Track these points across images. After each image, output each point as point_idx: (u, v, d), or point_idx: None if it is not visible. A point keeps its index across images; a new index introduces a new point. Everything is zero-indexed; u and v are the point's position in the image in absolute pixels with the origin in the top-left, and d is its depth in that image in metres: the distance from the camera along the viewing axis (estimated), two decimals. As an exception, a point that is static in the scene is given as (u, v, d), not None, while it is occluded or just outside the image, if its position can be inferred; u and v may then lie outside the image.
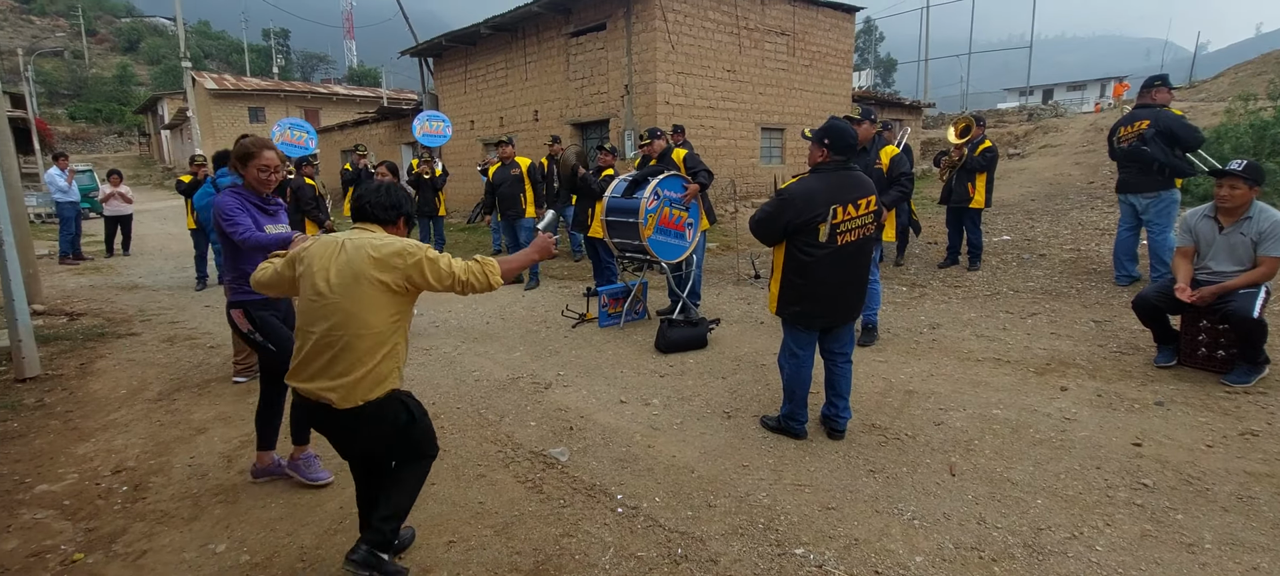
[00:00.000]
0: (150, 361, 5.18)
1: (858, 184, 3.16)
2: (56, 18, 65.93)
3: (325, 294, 2.05)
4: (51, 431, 3.85)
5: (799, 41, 13.68)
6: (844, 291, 3.23)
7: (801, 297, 3.20)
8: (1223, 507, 2.65)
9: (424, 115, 12.02)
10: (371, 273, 2.05)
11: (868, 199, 3.16)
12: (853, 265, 3.21)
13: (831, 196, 3.07)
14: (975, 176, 6.96)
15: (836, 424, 3.38)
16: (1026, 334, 5.00)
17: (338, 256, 2.08)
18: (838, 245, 3.11)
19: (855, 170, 3.23)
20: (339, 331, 2.05)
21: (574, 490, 2.99)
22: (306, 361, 2.11)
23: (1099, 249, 7.36)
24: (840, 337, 3.37)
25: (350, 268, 2.05)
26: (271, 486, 3.11)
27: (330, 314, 2.05)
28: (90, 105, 52.04)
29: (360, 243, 2.09)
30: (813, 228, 3.07)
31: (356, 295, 2.05)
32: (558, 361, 4.88)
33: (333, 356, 2.07)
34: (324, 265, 2.08)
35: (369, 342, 2.07)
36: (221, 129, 34.16)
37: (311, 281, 2.09)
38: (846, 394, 3.39)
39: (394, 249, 2.08)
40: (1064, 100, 33.06)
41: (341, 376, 2.07)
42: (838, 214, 3.08)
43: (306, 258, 2.14)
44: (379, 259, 2.06)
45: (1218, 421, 3.39)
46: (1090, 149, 13.86)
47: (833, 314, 3.26)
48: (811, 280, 3.15)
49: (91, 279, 9.22)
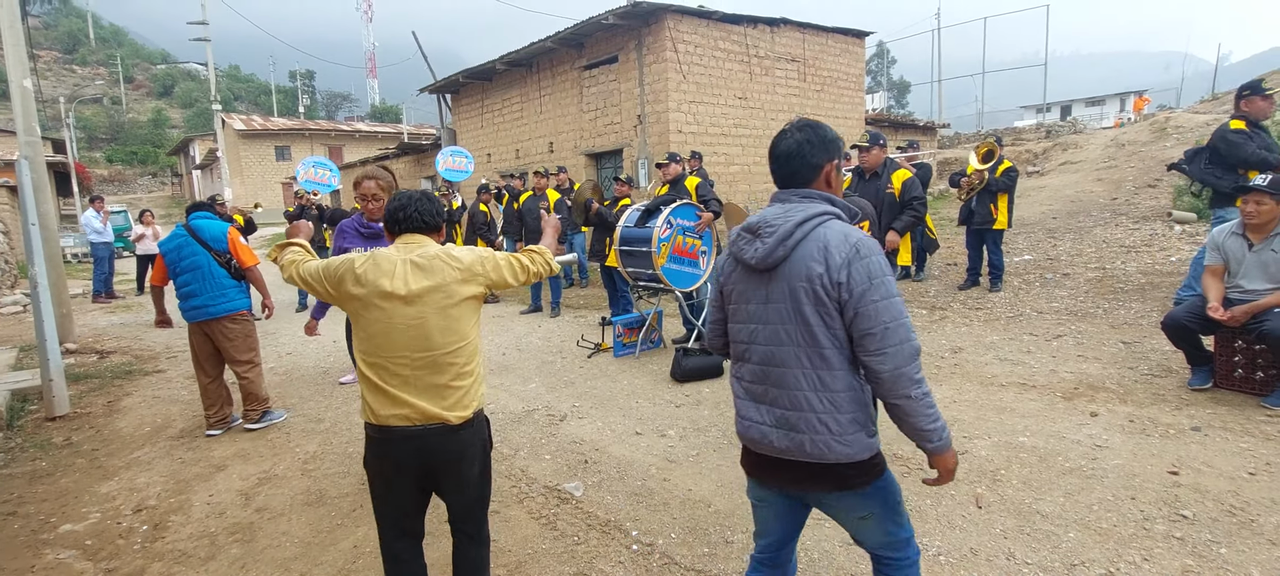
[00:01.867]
0: (175, 398, 5.26)
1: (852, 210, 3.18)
2: (97, 67, 68.91)
3: (413, 314, 1.93)
4: (77, 470, 3.91)
5: (810, 67, 13.75)
6: None
7: None
8: (1270, 540, 2.52)
9: (447, 150, 12.31)
10: (461, 288, 1.99)
11: (860, 227, 3.15)
12: None
13: None
14: (997, 197, 6.88)
15: None
16: (1052, 357, 4.87)
17: (413, 275, 1.95)
18: None
19: (850, 199, 3.26)
20: (438, 347, 1.96)
21: (589, 526, 2.95)
22: (404, 386, 1.95)
23: (1125, 267, 7.19)
24: None
25: (439, 285, 1.97)
26: (286, 525, 3.11)
27: (428, 332, 1.94)
28: (126, 148, 54.06)
29: (431, 256, 1.99)
30: None
31: (451, 310, 1.98)
32: (573, 393, 4.86)
33: (437, 373, 1.97)
34: (402, 284, 1.94)
35: (467, 353, 2.02)
36: (249, 167, 35.17)
37: (388, 303, 1.93)
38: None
39: (473, 259, 2.05)
40: (1083, 116, 32.66)
41: (452, 390, 1.99)
42: None
43: (363, 279, 1.96)
44: (464, 271, 2.01)
45: (1260, 447, 3.24)
46: (1112, 165, 13.63)
47: None
48: None
49: (122, 317, 9.45)
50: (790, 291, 1.64)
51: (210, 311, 4.28)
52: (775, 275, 1.67)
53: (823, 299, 1.60)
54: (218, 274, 4.32)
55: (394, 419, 1.96)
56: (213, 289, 4.29)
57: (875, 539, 1.78)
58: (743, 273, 1.77)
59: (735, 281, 1.80)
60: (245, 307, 4.45)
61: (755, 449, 1.78)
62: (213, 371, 4.40)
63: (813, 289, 1.60)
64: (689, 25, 11.66)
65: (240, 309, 4.39)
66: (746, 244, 1.72)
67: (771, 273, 1.68)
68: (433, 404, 1.96)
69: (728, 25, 12.25)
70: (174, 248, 4.33)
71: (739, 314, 1.79)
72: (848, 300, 1.58)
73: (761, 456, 1.77)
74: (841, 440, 1.63)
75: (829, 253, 1.59)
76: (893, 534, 1.76)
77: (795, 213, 1.66)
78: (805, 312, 1.62)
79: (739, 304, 1.79)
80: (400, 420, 1.96)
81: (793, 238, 1.63)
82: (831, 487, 1.69)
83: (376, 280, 1.95)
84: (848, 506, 1.74)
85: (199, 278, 4.27)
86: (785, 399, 1.67)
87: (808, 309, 1.62)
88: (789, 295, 1.64)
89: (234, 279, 4.39)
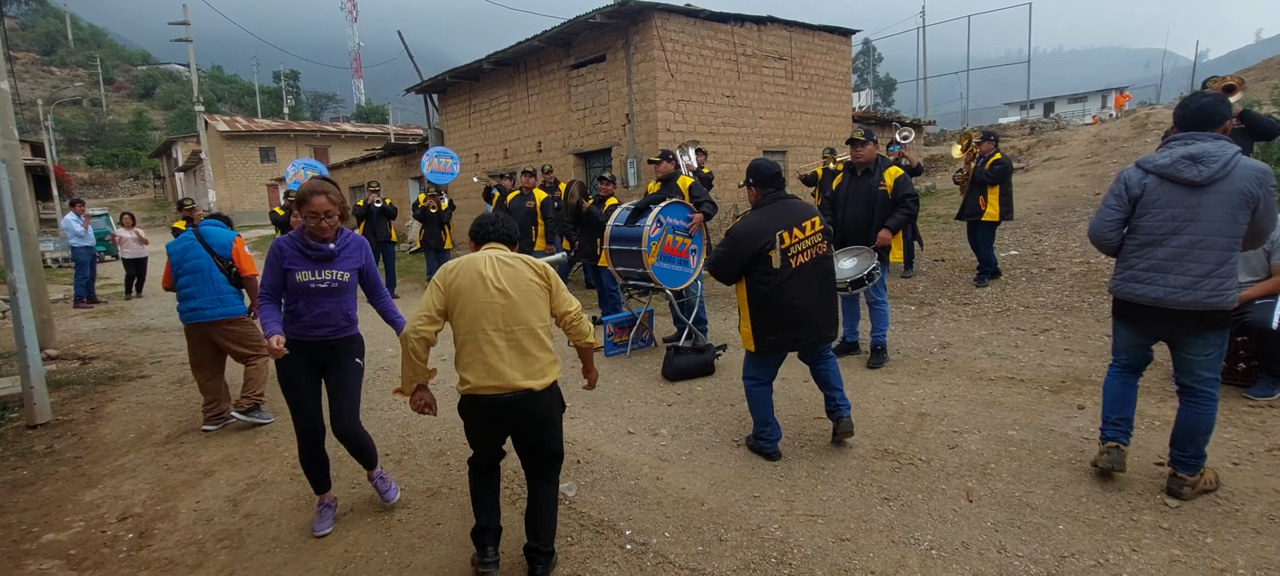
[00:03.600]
0: (159, 404, 5.19)
1: (797, 210, 3.33)
2: (76, 68, 67.73)
3: (505, 300, 2.40)
4: (60, 478, 3.85)
5: (797, 65, 13.79)
6: (812, 311, 3.28)
7: (774, 327, 3.29)
8: (1254, 529, 2.56)
9: (433, 152, 12.14)
10: (536, 280, 2.48)
11: (811, 221, 3.30)
12: (815, 284, 3.29)
13: (776, 224, 3.25)
14: (986, 190, 6.95)
15: (840, 415, 3.42)
16: (1040, 351, 4.92)
17: (501, 270, 2.44)
18: (793, 268, 3.23)
19: (792, 199, 3.41)
20: (523, 326, 2.40)
21: (582, 526, 2.94)
22: (501, 355, 2.37)
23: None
24: (814, 349, 3.45)
25: (519, 277, 2.44)
26: (275, 530, 3.08)
27: (517, 315, 2.40)
28: (107, 151, 53.19)
29: (508, 259, 2.49)
30: (765, 257, 3.22)
31: (532, 298, 2.44)
32: (565, 392, 4.80)
33: (522, 349, 2.40)
34: (493, 277, 2.41)
35: (543, 333, 2.46)
36: (233, 170, 34.76)
37: (485, 292, 2.39)
38: (838, 386, 3.45)
39: (543, 265, 2.53)
40: (1066, 112, 33.07)
41: (535, 362, 2.42)
42: (785, 238, 3.23)
43: (457, 282, 2.42)
44: (537, 267, 2.50)
45: (1243, 437, 3.29)
46: (1094, 160, 13.80)
47: (807, 335, 3.31)
48: (778, 307, 3.25)
49: (105, 322, 9.30)
50: (1226, 199, 2.56)
51: (205, 315, 4.41)
52: (1212, 189, 2.58)
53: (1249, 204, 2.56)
54: (217, 279, 4.46)
55: (495, 386, 2.40)
56: (210, 293, 4.43)
57: (1211, 370, 2.71)
58: (1173, 187, 2.65)
59: (1159, 192, 2.68)
60: (242, 312, 4.58)
61: (1154, 304, 2.71)
62: (212, 369, 4.52)
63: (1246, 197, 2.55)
64: (676, 24, 11.65)
65: (237, 314, 4.53)
66: (1186, 166, 2.61)
67: (1209, 187, 2.58)
68: (517, 375, 2.40)
69: (715, 24, 12.25)
70: (180, 249, 4.50)
71: (1159, 214, 2.68)
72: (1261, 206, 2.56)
73: (1149, 308, 2.73)
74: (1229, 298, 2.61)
75: (1254, 174, 2.56)
76: (1217, 368, 2.73)
77: (1228, 147, 2.59)
78: (1239, 216, 2.57)
79: (1161, 209, 2.68)
80: (498, 386, 2.40)
81: (1229, 163, 2.56)
82: (1206, 328, 2.66)
83: (470, 280, 2.42)
84: (1212, 341, 2.68)
85: (199, 281, 4.42)
86: (1198, 270, 2.60)
87: (1240, 214, 2.57)
88: (1224, 202, 2.57)
89: (233, 285, 4.52)
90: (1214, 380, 2.72)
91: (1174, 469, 2.81)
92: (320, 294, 2.94)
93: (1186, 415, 2.76)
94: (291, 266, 2.90)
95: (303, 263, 2.91)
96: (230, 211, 30.21)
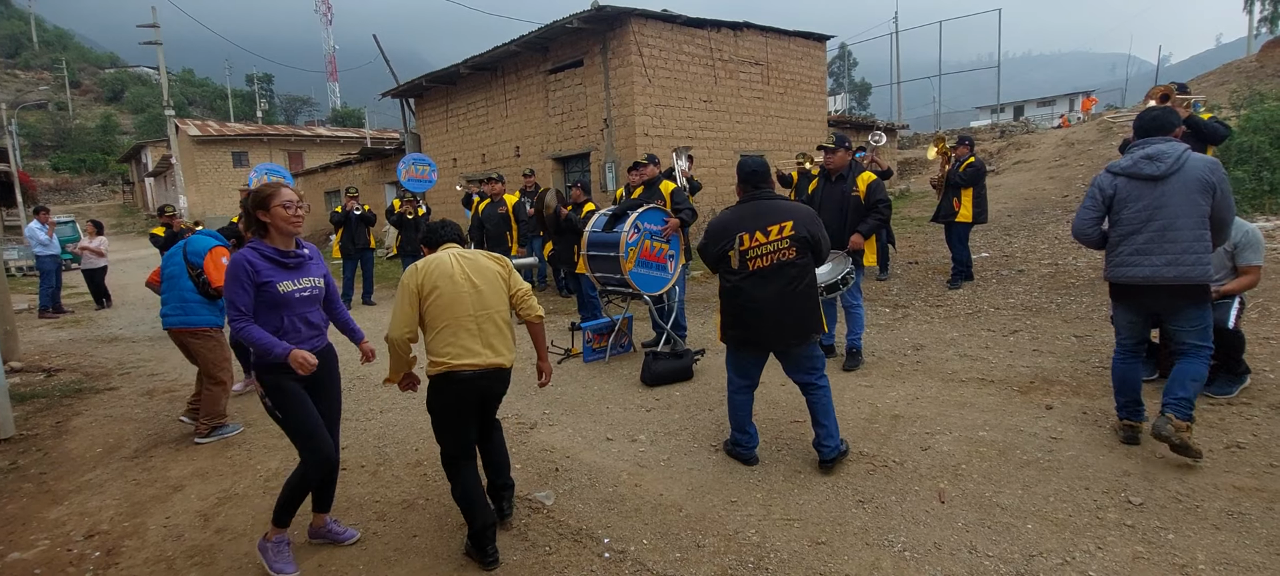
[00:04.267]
0: (128, 417, 5.07)
1: (770, 211, 3.29)
2: (41, 71, 65.87)
3: (474, 290, 2.74)
4: (24, 495, 3.74)
5: (772, 70, 13.92)
6: (770, 316, 3.25)
7: (733, 322, 3.35)
8: (1214, 525, 2.64)
9: (409, 159, 12.00)
10: (496, 268, 2.84)
11: (781, 225, 3.24)
12: (774, 289, 3.23)
13: (739, 225, 3.27)
14: (960, 191, 7.09)
15: (821, 453, 3.33)
16: (1009, 352, 5.02)
17: (466, 265, 2.77)
18: (750, 271, 3.24)
19: (774, 199, 3.38)
20: (489, 313, 2.75)
21: (560, 535, 2.94)
22: (476, 337, 2.72)
23: (1076, 263, 7.46)
24: (795, 365, 3.38)
25: (485, 272, 2.79)
26: (248, 545, 3.03)
27: (485, 302, 2.75)
28: (74, 156, 51.74)
29: (468, 254, 2.83)
30: (725, 256, 3.29)
31: (496, 286, 2.81)
32: (542, 399, 4.83)
33: (489, 334, 2.75)
34: (462, 274, 2.74)
35: (504, 322, 2.83)
36: (205, 174, 34.07)
37: (456, 286, 2.71)
38: (826, 421, 3.31)
39: (498, 255, 2.91)
40: (1035, 116, 33.79)
41: (501, 342, 2.79)
42: (744, 241, 3.24)
43: (426, 282, 2.72)
44: (493, 257, 2.88)
45: (1203, 434, 3.40)
46: (1062, 163, 14.13)
47: (765, 338, 3.30)
48: (736, 305, 3.30)
49: (71, 332, 9.06)
50: (1184, 187, 3.05)
51: (170, 321, 4.44)
52: (1170, 180, 3.07)
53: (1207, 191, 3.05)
54: (184, 287, 4.45)
55: (472, 363, 2.72)
56: (175, 300, 4.45)
57: (1199, 337, 3.17)
58: (1139, 183, 3.15)
59: (1129, 189, 3.18)
60: (209, 324, 4.51)
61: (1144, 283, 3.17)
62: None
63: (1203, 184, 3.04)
64: (653, 29, 11.70)
65: (203, 325, 4.47)
66: (1146, 164, 3.12)
67: (1167, 179, 3.08)
68: (491, 353, 2.76)
69: (692, 29, 12.33)
70: (167, 254, 4.61)
71: (1132, 207, 3.17)
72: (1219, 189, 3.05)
73: (1140, 287, 3.20)
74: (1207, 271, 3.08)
75: (1206, 164, 3.07)
76: (1208, 336, 3.20)
77: (1177, 146, 3.10)
78: (1198, 200, 3.04)
79: (1134, 203, 3.16)
80: (476, 362, 2.72)
81: (1181, 159, 3.06)
82: (1188, 301, 3.13)
83: (442, 275, 2.73)
84: (1194, 314, 3.15)
85: (169, 286, 4.48)
86: (1175, 249, 3.07)
87: (1200, 198, 3.05)
88: (1183, 189, 3.05)
89: (201, 294, 4.48)
90: (1204, 343, 3.18)
91: (1164, 409, 3.13)
92: (304, 303, 2.77)
93: (1181, 365, 3.19)
94: (270, 279, 2.65)
95: (280, 272, 2.69)
96: (201, 217, 29.60)
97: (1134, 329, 3.38)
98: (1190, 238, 3.06)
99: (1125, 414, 3.42)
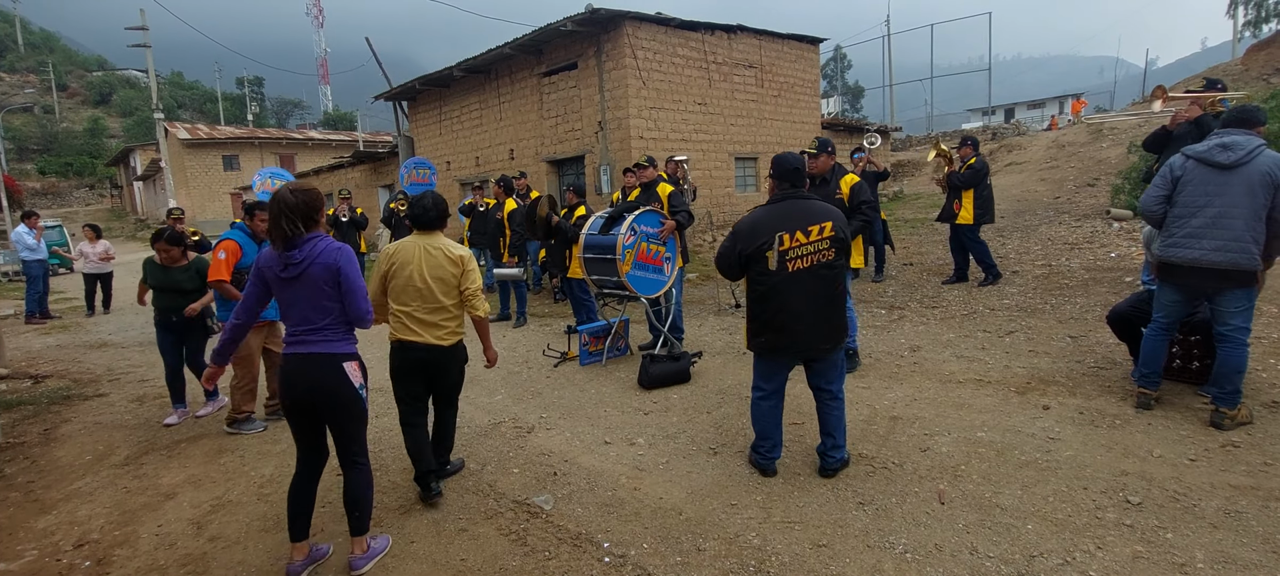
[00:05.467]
0: (118, 423, 5.00)
1: (809, 211, 3.17)
2: (27, 74, 65.10)
3: (426, 287, 3.15)
4: (11, 504, 3.68)
5: (766, 73, 13.96)
6: (807, 319, 3.13)
7: (764, 328, 3.19)
8: (1211, 524, 2.65)
9: (411, 162, 12.04)
10: (452, 269, 3.19)
11: (822, 225, 3.14)
12: (812, 292, 3.12)
13: (777, 224, 3.13)
14: (960, 193, 7.11)
15: (825, 461, 3.30)
16: (1005, 353, 5.04)
17: (427, 262, 3.16)
18: (789, 272, 3.11)
19: (809, 198, 3.25)
20: (434, 304, 3.17)
21: (559, 540, 2.91)
22: (419, 320, 3.18)
23: (1069, 263, 7.50)
24: (822, 372, 3.26)
25: (440, 269, 3.17)
26: (242, 553, 2.99)
27: (433, 298, 3.16)
28: (61, 159, 51.18)
29: (434, 249, 3.20)
30: (761, 256, 3.13)
31: (448, 285, 3.20)
32: (540, 403, 4.80)
33: (432, 319, 3.19)
34: (418, 268, 3.15)
35: (452, 308, 3.23)
36: (195, 178, 33.82)
37: (412, 279, 3.15)
38: (835, 433, 3.27)
39: (462, 254, 3.23)
40: (1026, 118, 34.07)
41: (442, 328, 3.22)
42: (785, 240, 3.10)
43: (393, 266, 3.19)
44: (454, 257, 3.20)
45: (1199, 434, 3.41)
46: (1054, 165, 14.23)
47: (799, 343, 3.16)
48: (771, 309, 3.15)
49: (59, 338, 8.95)
50: (1247, 179, 3.26)
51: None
52: (1237, 171, 3.28)
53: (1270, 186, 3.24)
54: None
55: (413, 337, 3.21)
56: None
57: (1244, 321, 3.38)
58: (1206, 169, 3.36)
59: (1195, 173, 3.39)
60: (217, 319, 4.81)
61: (1191, 265, 3.40)
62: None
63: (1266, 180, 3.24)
64: (648, 32, 11.71)
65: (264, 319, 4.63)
66: (1219, 152, 3.33)
67: (1235, 169, 3.29)
68: (431, 334, 3.22)
69: (686, 32, 12.35)
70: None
71: (1191, 190, 3.40)
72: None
73: (1188, 267, 3.42)
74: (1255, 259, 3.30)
75: (1273, 164, 3.24)
76: (1249, 318, 3.40)
77: (1254, 140, 3.30)
78: (1259, 193, 3.24)
79: (1196, 186, 3.38)
80: (416, 338, 3.20)
81: (1254, 151, 3.27)
82: (1234, 285, 3.33)
83: (401, 265, 3.20)
84: (1240, 296, 3.35)
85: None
86: (1227, 236, 3.29)
87: (1260, 192, 3.24)
88: (1246, 181, 3.26)
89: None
90: (1244, 328, 3.38)
91: (1216, 404, 3.44)
92: None
93: (1223, 357, 3.40)
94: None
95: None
96: (191, 221, 29.35)
97: (1174, 308, 3.59)
98: (1242, 227, 3.25)
99: (1143, 383, 3.72)
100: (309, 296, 2.65)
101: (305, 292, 2.65)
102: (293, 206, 2.60)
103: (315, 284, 2.64)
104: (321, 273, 2.63)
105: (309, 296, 2.65)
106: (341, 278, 2.66)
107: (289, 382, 2.67)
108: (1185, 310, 3.64)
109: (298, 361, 2.66)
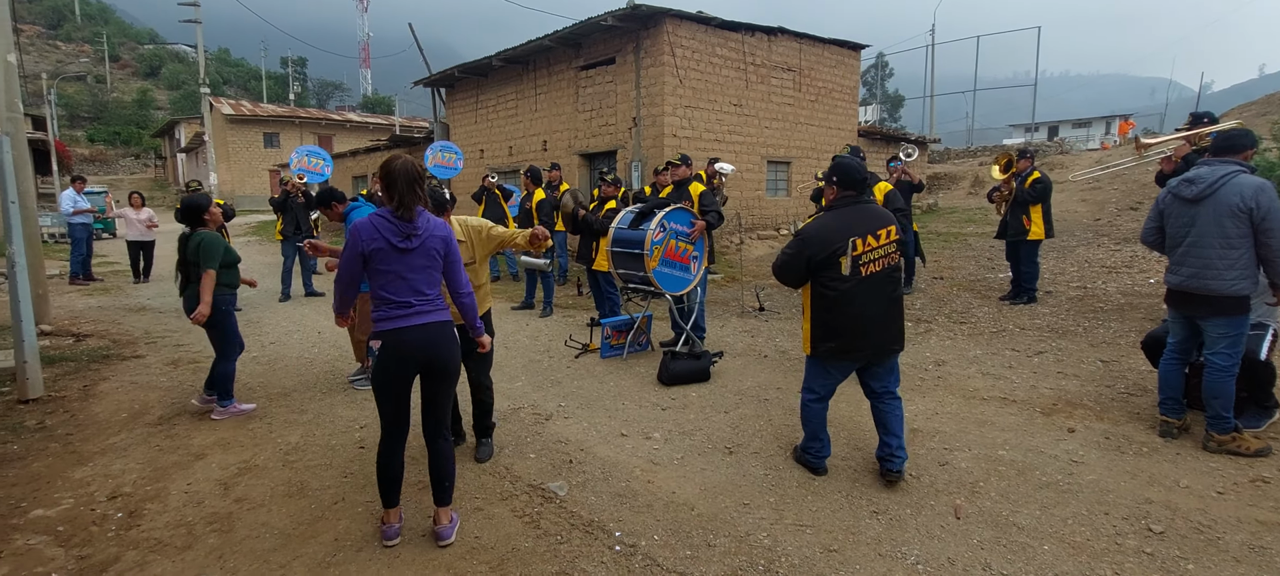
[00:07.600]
0: (153, 385, 5.19)
1: (874, 216, 3.20)
2: (82, 44, 67.55)
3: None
4: (51, 454, 3.85)
5: (805, 77, 13.83)
6: (877, 322, 3.15)
7: (834, 333, 3.17)
8: (1235, 558, 2.58)
9: (437, 146, 12.17)
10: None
11: (887, 228, 3.17)
12: (882, 295, 3.16)
13: (849, 229, 3.12)
14: (1028, 208, 6.96)
15: (890, 465, 3.25)
16: (1033, 373, 4.94)
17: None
18: (862, 276, 3.11)
19: (870, 203, 3.28)
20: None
21: (572, 526, 2.95)
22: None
23: (1105, 287, 7.32)
24: (879, 375, 3.28)
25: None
26: (266, 515, 3.08)
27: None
28: (109, 128, 53.04)
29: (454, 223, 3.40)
30: (834, 262, 3.11)
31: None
32: (559, 392, 4.85)
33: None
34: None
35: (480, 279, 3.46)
36: (236, 153, 34.75)
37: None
38: (899, 432, 3.27)
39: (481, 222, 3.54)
40: (1070, 137, 33.19)
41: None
42: (858, 245, 3.09)
43: None
44: (475, 226, 3.49)
45: (1228, 467, 3.32)
46: (1096, 186, 13.86)
47: (869, 346, 3.17)
48: (842, 315, 3.14)
49: (100, 300, 9.29)
50: (1214, 211, 3.36)
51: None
52: (1203, 203, 3.41)
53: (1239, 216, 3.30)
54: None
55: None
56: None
57: (1227, 348, 3.42)
58: (1179, 202, 3.54)
59: (1173, 206, 3.58)
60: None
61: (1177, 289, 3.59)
62: None
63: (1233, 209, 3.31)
64: (687, 30, 11.69)
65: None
66: (1184, 187, 3.49)
67: (1200, 202, 3.42)
68: None
69: (725, 32, 12.29)
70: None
71: (1173, 222, 3.57)
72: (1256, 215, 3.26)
73: (1178, 292, 3.58)
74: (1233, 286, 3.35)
75: (1241, 190, 3.31)
76: (1238, 346, 3.44)
77: (1223, 168, 3.39)
78: (1225, 223, 3.33)
79: (1175, 218, 3.56)
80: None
81: (1218, 182, 3.37)
82: (1213, 312, 3.42)
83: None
84: (1222, 324, 3.41)
85: None
86: (1199, 263, 3.43)
87: (1228, 222, 3.32)
88: (1212, 212, 3.37)
89: None
90: (1226, 354, 3.43)
91: (1206, 427, 3.54)
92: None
93: (1205, 382, 3.51)
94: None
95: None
96: (231, 196, 30.16)
97: (1180, 333, 3.70)
98: (1214, 255, 3.36)
99: (1165, 410, 3.73)
100: (424, 265, 2.67)
101: (421, 262, 2.66)
102: (418, 175, 2.64)
103: (431, 254, 2.67)
104: (438, 245, 2.69)
105: (424, 265, 2.67)
106: (450, 250, 2.73)
107: (408, 353, 2.66)
108: (1192, 335, 3.65)
109: (418, 332, 2.66)
